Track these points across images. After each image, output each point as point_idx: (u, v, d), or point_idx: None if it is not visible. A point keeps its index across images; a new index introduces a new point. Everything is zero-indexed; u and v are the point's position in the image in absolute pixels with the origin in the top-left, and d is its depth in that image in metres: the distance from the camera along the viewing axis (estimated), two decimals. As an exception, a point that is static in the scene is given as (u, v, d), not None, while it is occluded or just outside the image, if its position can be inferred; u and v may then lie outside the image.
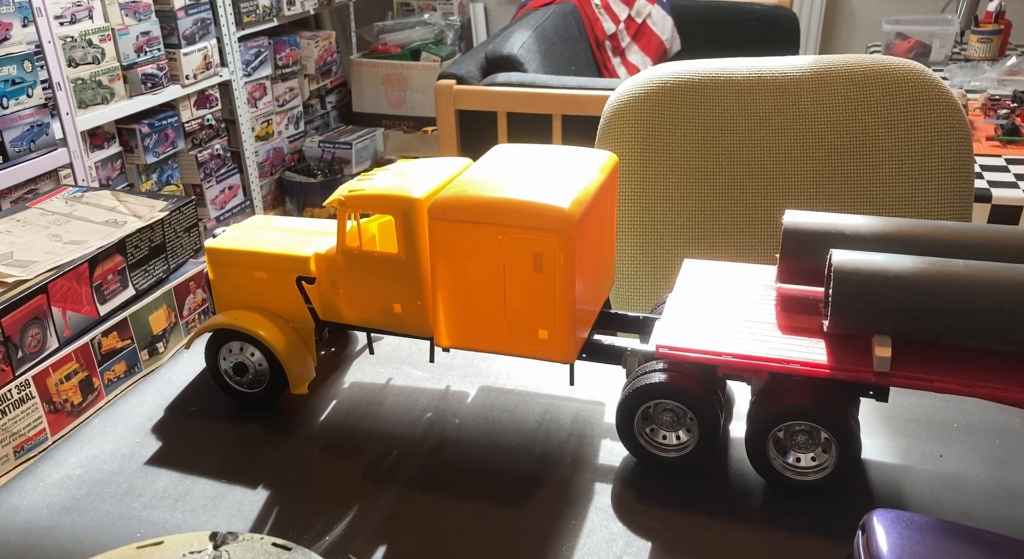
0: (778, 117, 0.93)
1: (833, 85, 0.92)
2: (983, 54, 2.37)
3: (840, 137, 0.92)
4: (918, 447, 0.57)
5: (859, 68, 0.92)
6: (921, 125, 0.90)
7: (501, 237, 0.53)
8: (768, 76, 0.94)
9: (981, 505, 0.51)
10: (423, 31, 3.02)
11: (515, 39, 1.91)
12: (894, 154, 0.91)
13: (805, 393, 0.52)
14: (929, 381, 0.48)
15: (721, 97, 0.94)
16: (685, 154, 0.94)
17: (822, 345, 0.52)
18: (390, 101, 2.99)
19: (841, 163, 0.92)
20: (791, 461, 0.53)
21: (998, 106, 1.94)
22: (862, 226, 0.56)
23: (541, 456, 0.56)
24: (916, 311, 0.49)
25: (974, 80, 2.16)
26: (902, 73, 0.91)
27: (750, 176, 0.94)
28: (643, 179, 0.94)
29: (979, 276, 0.48)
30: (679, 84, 0.94)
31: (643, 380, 0.54)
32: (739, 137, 0.94)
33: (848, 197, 0.93)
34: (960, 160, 0.90)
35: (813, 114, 0.92)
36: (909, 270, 0.50)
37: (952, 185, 0.91)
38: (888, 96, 0.91)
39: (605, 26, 2.55)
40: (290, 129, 2.83)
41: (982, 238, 0.53)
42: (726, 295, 0.59)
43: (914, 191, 0.91)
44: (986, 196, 1.56)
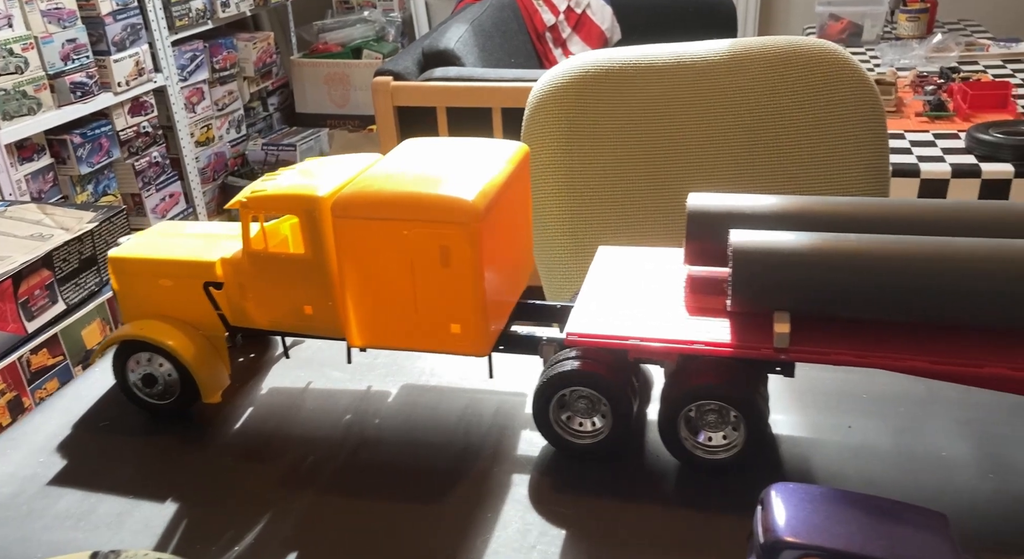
0: (699, 101, 0.94)
1: (751, 68, 0.93)
2: (912, 32, 2.42)
3: (759, 119, 0.93)
4: (828, 420, 0.58)
5: (775, 50, 0.93)
6: (836, 103, 0.92)
7: (406, 232, 0.52)
8: (688, 61, 0.95)
9: (885, 473, 0.52)
10: (364, 28, 2.99)
11: (451, 33, 1.90)
12: (812, 133, 0.92)
13: (713, 373, 0.52)
14: (826, 354, 0.49)
15: (643, 84, 0.94)
16: (609, 142, 0.94)
17: (727, 325, 0.53)
18: (333, 100, 2.95)
19: (762, 144, 0.94)
20: (703, 440, 0.54)
21: (926, 82, 1.99)
22: (763, 205, 0.56)
23: (461, 451, 0.56)
24: (812, 287, 0.50)
25: (903, 58, 2.21)
26: (816, 53, 0.92)
27: (674, 161, 0.95)
28: (569, 168, 0.94)
29: (871, 250, 0.49)
30: (600, 72, 0.94)
31: (556, 369, 0.55)
32: (662, 123, 0.94)
33: (770, 177, 0.94)
34: (874, 135, 0.92)
35: (732, 97, 0.94)
36: (805, 247, 0.50)
37: (868, 160, 0.93)
38: (803, 76, 0.92)
39: (544, 17, 2.55)
40: (231, 133, 2.78)
41: (879, 212, 0.55)
42: (637, 280, 0.59)
43: (832, 168, 0.93)
44: (915, 171, 1.60)
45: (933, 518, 0.41)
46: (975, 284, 0.47)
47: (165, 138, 2.48)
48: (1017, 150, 1.55)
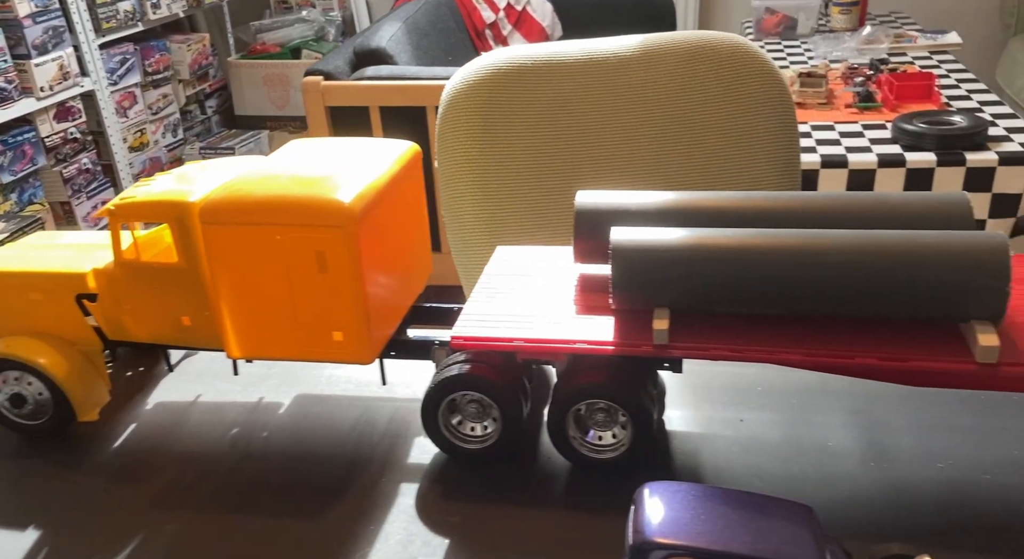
0: (611, 98, 0.94)
1: (661, 63, 0.93)
2: (845, 25, 2.47)
3: (671, 114, 0.93)
4: (721, 414, 0.58)
5: (684, 45, 0.93)
6: (745, 97, 0.92)
7: (279, 237, 0.51)
8: (599, 57, 0.94)
9: (772, 465, 0.52)
10: (303, 28, 2.94)
11: (384, 32, 1.88)
12: (723, 127, 0.93)
13: (599, 372, 0.52)
14: (705, 349, 0.49)
15: (555, 81, 0.94)
16: (523, 140, 0.93)
17: (611, 323, 0.52)
18: (273, 102, 2.90)
19: (675, 139, 0.94)
20: (593, 439, 0.53)
21: (856, 74, 2.02)
22: (649, 202, 0.56)
23: (350, 462, 0.55)
24: (691, 283, 0.50)
25: (836, 50, 2.25)
26: (725, 48, 0.92)
27: (589, 158, 0.94)
28: (483, 167, 0.93)
29: (747, 245, 0.49)
30: (512, 70, 0.93)
31: (444, 373, 0.53)
32: (575, 120, 0.94)
33: (683, 172, 0.94)
34: (783, 128, 0.93)
35: (644, 93, 0.93)
36: (683, 244, 0.50)
37: (779, 154, 0.93)
38: (713, 71, 0.92)
39: (484, 15, 2.54)
40: (167, 137, 2.71)
41: (761, 207, 0.54)
42: (531, 280, 0.59)
43: (744, 162, 0.93)
44: (843, 162, 1.63)
45: (798, 510, 0.41)
46: (846, 276, 0.47)
47: (96, 144, 2.40)
48: (940, 139, 1.59)
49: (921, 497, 0.49)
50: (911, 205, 0.52)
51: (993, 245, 0.45)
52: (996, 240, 0.45)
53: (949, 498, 0.48)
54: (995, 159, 1.54)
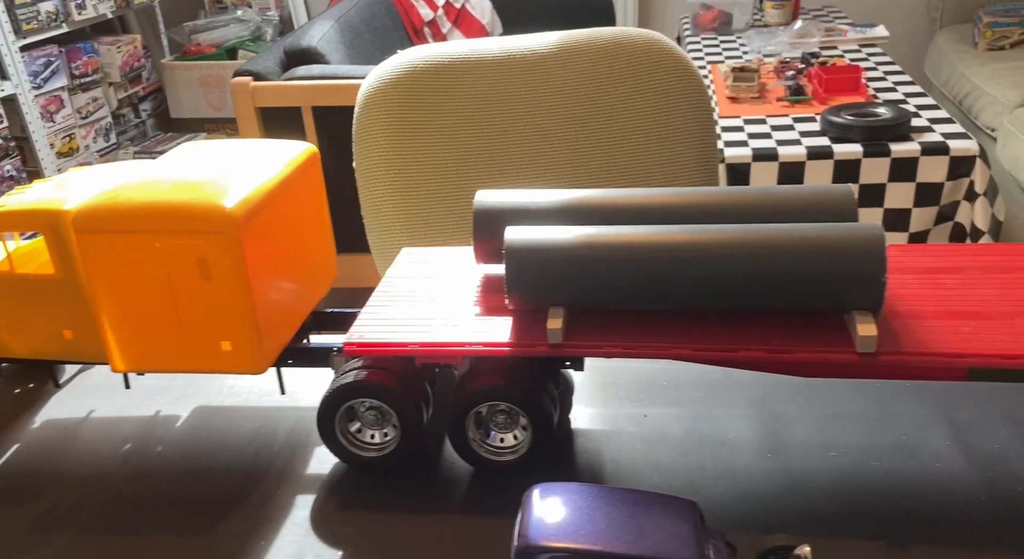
0: (530, 95, 0.93)
1: (579, 60, 0.93)
2: (778, 19, 2.51)
3: (590, 110, 0.93)
4: (627, 410, 0.58)
5: (601, 42, 0.94)
6: (662, 93, 0.92)
7: (159, 245, 0.49)
8: (518, 54, 0.94)
9: (672, 459, 0.53)
10: (238, 28, 2.87)
11: (315, 31, 1.84)
12: (640, 123, 0.93)
13: (498, 374, 0.51)
14: (599, 347, 0.49)
15: (473, 78, 0.93)
16: (442, 138, 0.92)
17: (509, 323, 0.52)
18: (210, 104, 2.83)
19: (593, 136, 0.94)
20: (495, 442, 0.52)
21: (787, 68, 2.06)
22: (548, 201, 0.55)
23: (246, 475, 0.53)
24: (584, 281, 0.49)
25: (769, 45, 2.28)
26: (640, 44, 0.93)
27: (508, 156, 0.94)
28: (402, 167, 0.92)
29: (637, 242, 0.49)
30: (429, 68, 0.92)
31: (340, 380, 0.52)
32: (494, 118, 0.93)
33: (604, 169, 0.94)
34: (700, 124, 0.94)
35: (563, 90, 0.93)
36: (575, 242, 0.50)
37: (697, 149, 0.94)
38: (629, 67, 0.93)
39: (422, 12, 2.52)
40: (99, 142, 2.62)
41: (660, 202, 0.54)
42: (434, 281, 0.58)
43: (662, 158, 0.94)
44: (773, 155, 1.65)
45: (682, 506, 0.41)
46: (730, 271, 0.47)
47: (20, 150, 2.32)
48: (866, 131, 1.63)
49: (813, 486, 0.49)
50: (799, 198, 0.52)
51: (869, 236, 0.46)
52: (872, 231, 0.46)
53: (840, 486, 0.49)
54: (918, 149, 1.58)
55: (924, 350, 0.45)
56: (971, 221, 1.59)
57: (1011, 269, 0.51)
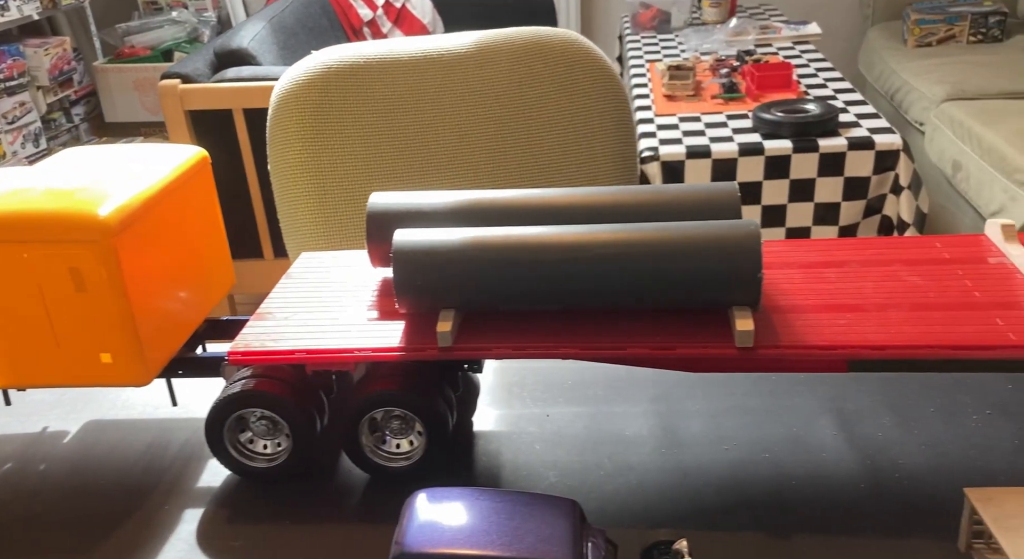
0: (447, 95, 0.93)
1: (496, 60, 0.93)
2: (716, 18, 2.55)
3: (508, 111, 0.93)
4: (530, 410, 0.58)
5: (519, 42, 0.94)
6: (579, 93, 0.93)
7: (27, 255, 0.47)
8: (435, 55, 0.93)
9: (570, 458, 0.53)
10: (174, 30, 2.81)
11: (246, 32, 1.81)
12: (559, 123, 0.93)
13: (392, 379, 0.50)
14: (488, 349, 0.49)
15: (389, 79, 0.92)
16: (358, 140, 0.91)
17: (401, 327, 0.51)
18: (146, 107, 2.76)
19: (513, 136, 0.94)
20: (392, 448, 0.52)
21: (723, 66, 2.09)
22: (441, 202, 0.55)
23: (133, 490, 0.52)
24: (474, 283, 0.49)
25: (706, 42, 2.32)
26: (558, 44, 0.93)
27: (427, 157, 0.93)
28: (317, 169, 0.91)
29: (524, 243, 0.49)
30: (344, 68, 0.91)
31: (228, 390, 0.51)
32: (412, 119, 0.92)
33: (522, 169, 0.94)
34: (618, 123, 0.94)
35: (481, 90, 0.93)
36: (462, 244, 0.49)
37: (615, 149, 0.95)
38: (547, 67, 0.93)
39: (361, 12, 2.49)
40: (28, 148, 2.54)
41: (553, 203, 0.54)
42: (329, 286, 0.57)
43: (581, 158, 0.94)
44: (706, 152, 1.68)
45: (562, 506, 0.41)
46: (613, 270, 0.47)
47: (-58, 157, 2.23)
48: (795, 127, 1.66)
49: (705, 480, 0.50)
50: (685, 197, 0.53)
51: (745, 234, 0.47)
52: (748, 229, 0.47)
53: (730, 478, 0.50)
54: (845, 144, 1.62)
55: (800, 343, 0.46)
56: (897, 214, 1.64)
57: (889, 262, 0.52)
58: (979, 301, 0.47)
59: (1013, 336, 0.44)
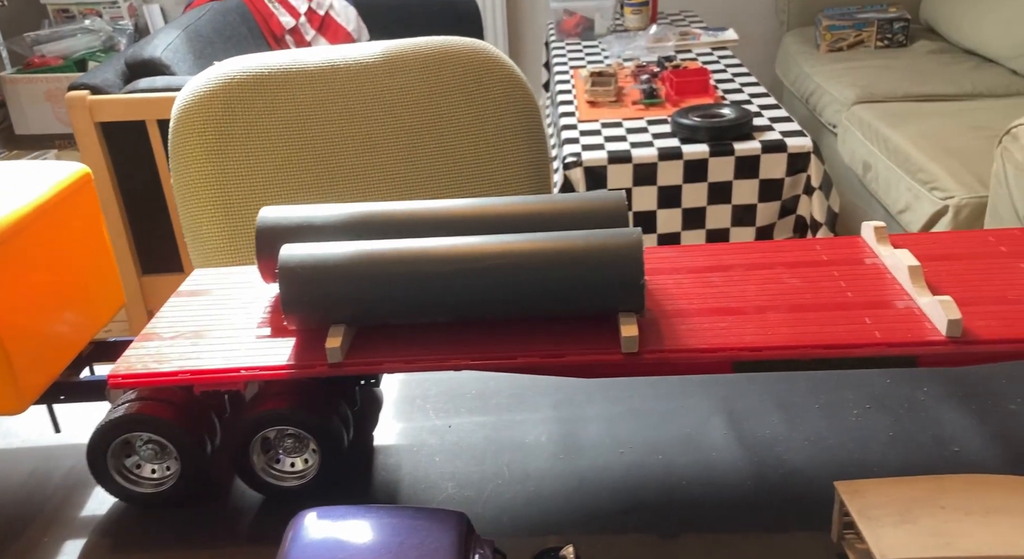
0: (356, 105, 0.92)
1: (406, 69, 0.93)
2: (638, 24, 2.60)
3: (419, 121, 0.93)
4: (432, 422, 0.58)
5: (428, 51, 0.94)
6: (490, 102, 0.93)
7: None
8: (342, 64, 0.92)
9: (468, 469, 0.53)
10: (88, 39, 2.71)
11: (159, 41, 1.76)
12: (469, 132, 0.94)
13: (283, 397, 0.50)
14: (380, 364, 0.48)
15: (295, 89, 0.91)
16: (264, 152, 0.90)
17: (291, 344, 0.50)
18: (60, 119, 2.66)
19: (424, 147, 0.94)
20: (286, 467, 0.51)
21: (644, 72, 2.13)
22: (332, 216, 0.54)
23: (13, 520, 0.49)
24: (359, 298, 0.49)
25: (628, 49, 2.36)
26: (467, 53, 0.93)
27: (337, 169, 0.92)
28: (222, 182, 0.89)
29: (409, 256, 0.49)
30: (248, 79, 0.89)
31: (111, 414, 0.49)
32: (320, 130, 0.91)
33: (434, 180, 0.94)
34: (530, 132, 0.95)
35: (390, 100, 0.93)
36: (350, 258, 0.49)
37: (527, 156, 0.96)
38: (457, 76, 0.93)
39: (283, 20, 2.45)
40: (-71, 163, 2.41)
41: (443, 213, 0.55)
42: (220, 303, 0.56)
43: (494, 167, 0.94)
44: (627, 157, 1.71)
45: (449, 519, 0.41)
46: (500, 280, 0.48)
47: None
48: (711, 131, 1.70)
49: (600, 484, 0.51)
50: (574, 206, 0.54)
51: (627, 242, 0.48)
52: (630, 237, 0.48)
53: (624, 482, 0.51)
54: (759, 148, 1.67)
55: (683, 347, 0.47)
56: (810, 213, 1.70)
57: (772, 265, 0.54)
58: (851, 301, 0.49)
59: (879, 334, 0.46)
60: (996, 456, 0.49)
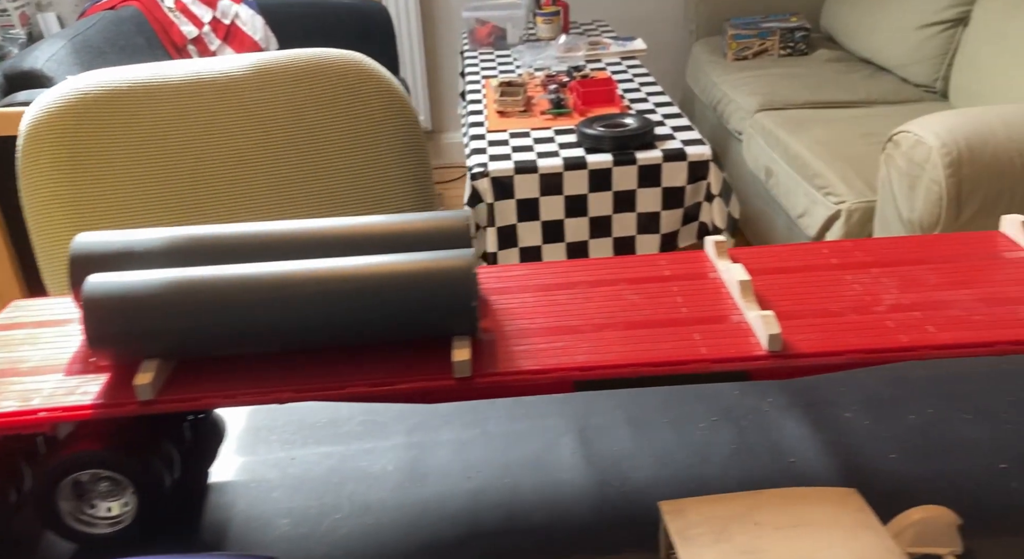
0: (224, 120, 0.88)
1: (276, 83, 0.90)
2: (549, 34, 2.62)
3: (290, 135, 0.90)
4: (276, 455, 0.55)
5: (299, 63, 0.91)
6: (366, 115, 0.91)
7: None
8: (208, 78, 0.89)
9: (308, 502, 0.50)
10: (-26, 47, 2.56)
11: (41, 52, 1.67)
12: (345, 147, 0.91)
13: (96, 438, 0.46)
14: (197, 399, 0.45)
15: (157, 104, 0.87)
16: (124, 171, 0.85)
17: (102, 381, 0.47)
18: (-57, 133, 2.50)
19: (298, 161, 0.91)
20: (103, 513, 0.47)
21: (553, 82, 2.14)
22: (154, 240, 0.51)
23: None
24: (172, 331, 0.46)
25: (539, 59, 2.37)
26: (340, 65, 0.91)
27: (203, 186, 0.88)
28: (76, 202, 0.84)
29: (226, 285, 0.46)
30: (104, 94, 0.85)
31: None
32: (184, 146, 0.87)
33: (309, 195, 0.91)
34: (409, 145, 0.93)
35: (259, 114, 0.89)
36: (161, 288, 0.46)
37: (408, 170, 0.94)
38: (330, 89, 0.90)
39: (184, 30, 2.37)
40: None
41: (278, 236, 0.52)
42: (36, 338, 0.52)
43: (370, 181, 0.92)
44: (533, 167, 1.71)
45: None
46: (325, 307, 0.46)
47: None
48: (615, 141, 1.72)
49: (442, 513, 0.49)
50: (415, 227, 0.52)
51: (458, 264, 0.46)
52: (462, 260, 0.46)
53: (468, 509, 0.49)
54: (660, 156, 1.70)
55: (518, 369, 0.46)
56: (712, 220, 1.73)
57: (615, 282, 0.54)
58: (684, 317, 0.49)
59: (705, 350, 0.46)
60: (828, 466, 0.49)
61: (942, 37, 2.21)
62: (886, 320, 0.46)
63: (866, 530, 0.39)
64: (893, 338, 0.45)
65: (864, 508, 0.40)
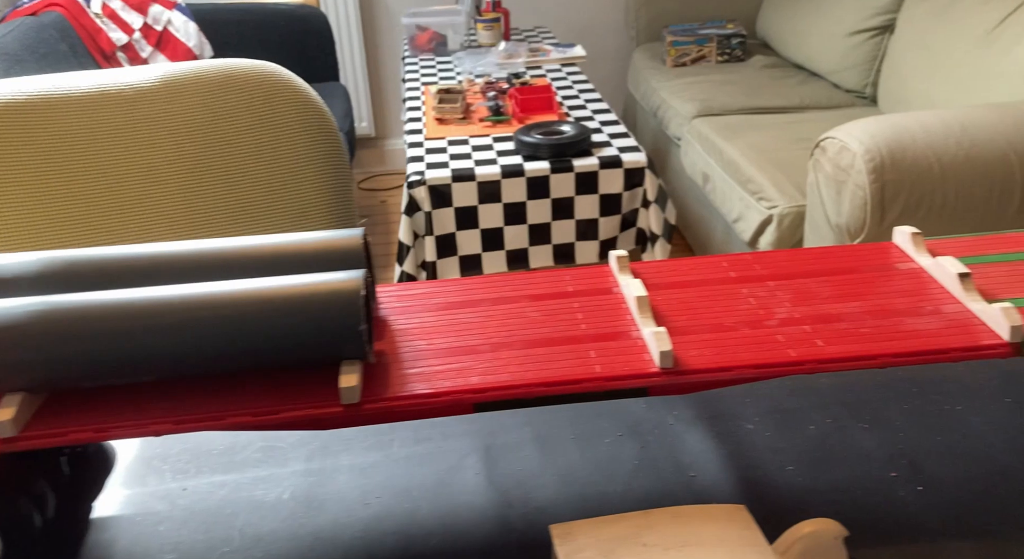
0: (132, 133, 0.85)
1: (186, 94, 0.87)
2: (490, 40, 2.61)
3: (202, 147, 0.87)
4: (167, 486, 0.53)
5: (211, 74, 0.88)
6: (282, 126, 0.89)
7: None
8: (114, 90, 0.85)
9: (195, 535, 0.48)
10: None
11: (-48, 60, 1.60)
12: (262, 159, 0.89)
13: (-40, 477, 0.43)
14: (64, 434, 0.43)
15: (61, 117, 0.83)
16: (26, 187, 0.81)
17: (-34, 417, 0.44)
18: None
19: (212, 175, 0.88)
20: (-32, 557, 0.45)
21: (493, 89, 2.14)
22: (22, 265, 0.49)
23: None
24: (36, 362, 0.43)
25: (479, 65, 2.36)
26: (254, 76, 0.89)
27: (111, 201, 0.85)
28: (-29, 223, 0.80)
29: (98, 311, 0.44)
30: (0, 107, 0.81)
31: None
32: (90, 160, 0.84)
33: (225, 209, 0.89)
34: (328, 156, 0.91)
35: (170, 126, 0.86)
36: (23, 316, 0.43)
37: (327, 182, 0.92)
38: (243, 100, 0.88)
39: (113, 36, 2.30)
40: None
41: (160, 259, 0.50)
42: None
43: (287, 194, 0.90)
44: (471, 175, 1.70)
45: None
46: (201, 335, 0.44)
47: None
48: (552, 148, 1.72)
49: (336, 543, 0.48)
50: (306, 246, 0.50)
51: (344, 287, 0.45)
52: (348, 283, 0.45)
53: (362, 538, 0.48)
54: (597, 163, 1.71)
55: (409, 393, 0.45)
56: (649, 226, 1.75)
57: (517, 299, 0.53)
58: (583, 334, 0.48)
59: (599, 368, 0.45)
60: (727, 480, 0.49)
61: (870, 44, 2.27)
62: (777, 334, 0.46)
63: (751, 548, 0.38)
64: (783, 352, 0.45)
65: (751, 525, 0.40)
